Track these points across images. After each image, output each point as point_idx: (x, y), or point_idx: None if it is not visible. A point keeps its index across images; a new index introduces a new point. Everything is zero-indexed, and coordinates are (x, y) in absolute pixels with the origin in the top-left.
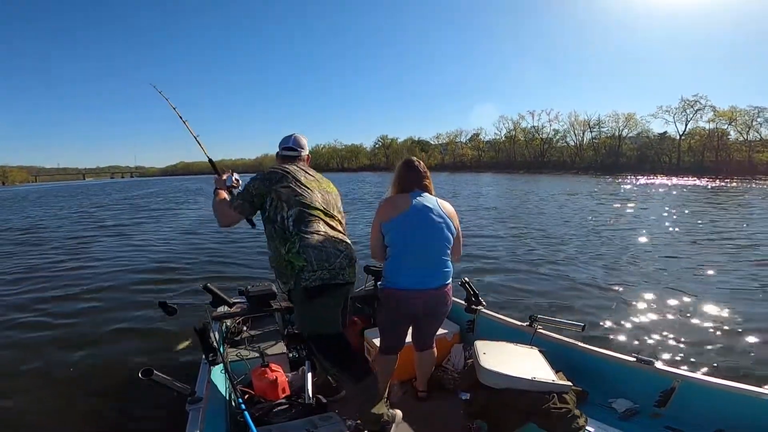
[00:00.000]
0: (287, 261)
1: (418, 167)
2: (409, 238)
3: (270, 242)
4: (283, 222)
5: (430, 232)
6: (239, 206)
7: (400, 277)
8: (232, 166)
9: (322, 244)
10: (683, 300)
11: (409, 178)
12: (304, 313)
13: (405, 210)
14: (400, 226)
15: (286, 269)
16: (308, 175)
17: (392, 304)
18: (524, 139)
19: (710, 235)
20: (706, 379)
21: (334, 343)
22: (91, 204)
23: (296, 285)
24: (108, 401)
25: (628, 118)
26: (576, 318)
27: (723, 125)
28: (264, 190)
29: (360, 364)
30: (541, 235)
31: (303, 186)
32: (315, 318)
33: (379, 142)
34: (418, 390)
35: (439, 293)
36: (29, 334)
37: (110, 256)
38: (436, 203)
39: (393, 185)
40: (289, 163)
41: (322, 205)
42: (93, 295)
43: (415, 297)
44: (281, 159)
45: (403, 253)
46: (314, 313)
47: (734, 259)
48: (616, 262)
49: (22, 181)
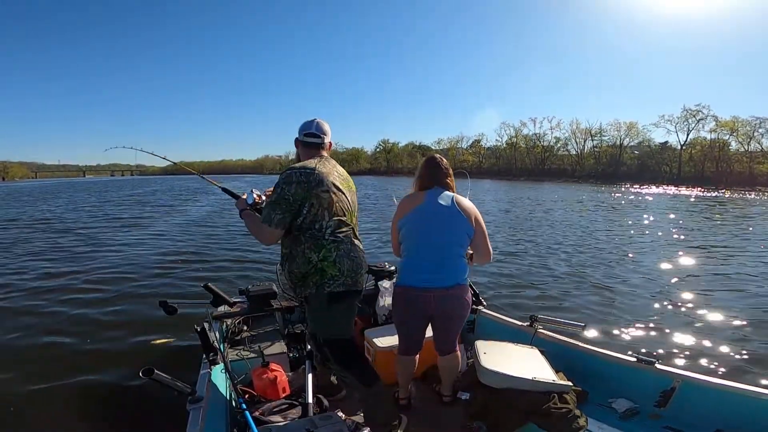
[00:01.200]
0: (319, 269)
1: (440, 164)
2: (420, 236)
3: (295, 247)
4: (321, 230)
5: (441, 229)
6: (281, 221)
7: (409, 276)
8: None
9: (353, 253)
10: (683, 300)
11: (430, 176)
12: (322, 317)
13: (418, 206)
14: (411, 222)
15: (314, 275)
16: (339, 173)
17: (402, 303)
18: (525, 146)
19: (710, 240)
20: (706, 379)
21: (348, 347)
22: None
23: (319, 290)
24: (108, 400)
25: (629, 126)
26: (576, 318)
27: (724, 136)
28: (304, 194)
29: (370, 369)
30: (541, 238)
31: (339, 191)
32: (333, 323)
33: (379, 146)
34: (443, 395)
35: (451, 293)
36: (29, 332)
37: (110, 254)
38: (451, 200)
39: (415, 182)
40: (314, 152)
41: (351, 207)
42: (92, 295)
43: (426, 296)
44: (303, 146)
45: (413, 250)
46: (333, 318)
47: (735, 261)
48: (617, 263)
49: (22, 176)
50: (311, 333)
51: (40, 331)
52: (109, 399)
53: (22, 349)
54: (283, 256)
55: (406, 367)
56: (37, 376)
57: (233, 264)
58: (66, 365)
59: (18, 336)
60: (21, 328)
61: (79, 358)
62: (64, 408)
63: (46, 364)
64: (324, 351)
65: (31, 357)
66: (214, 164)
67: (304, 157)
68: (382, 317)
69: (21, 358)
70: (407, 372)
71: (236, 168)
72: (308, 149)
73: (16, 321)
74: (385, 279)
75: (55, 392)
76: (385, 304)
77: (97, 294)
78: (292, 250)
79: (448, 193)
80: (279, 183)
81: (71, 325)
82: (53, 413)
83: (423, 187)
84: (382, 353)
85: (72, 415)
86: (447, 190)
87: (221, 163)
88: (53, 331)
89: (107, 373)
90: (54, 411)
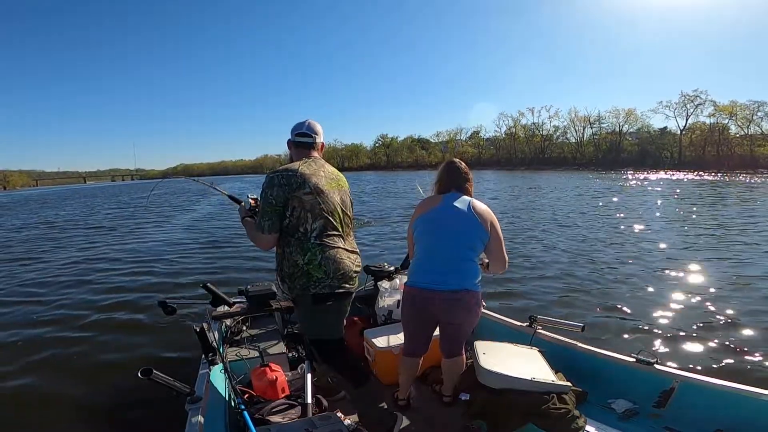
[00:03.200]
0: (305, 271)
1: (459, 168)
2: (432, 238)
3: (283, 249)
4: (306, 234)
5: (453, 232)
6: (270, 226)
7: (417, 276)
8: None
9: (341, 256)
10: (684, 300)
11: (448, 180)
12: (308, 318)
13: (433, 208)
14: (426, 224)
15: (301, 277)
16: (326, 173)
17: (408, 303)
18: (524, 136)
19: (712, 233)
20: (705, 380)
21: (335, 348)
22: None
23: (304, 291)
24: (107, 401)
25: (628, 113)
26: (576, 318)
27: (723, 120)
28: (284, 196)
29: (359, 370)
30: (539, 235)
31: (324, 193)
32: (319, 323)
33: (379, 141)
34: (444, 395)
35: (457, 297)
36: (27, 332)
37: (109, 254)
38: (467, 204)
39: (434, 185)
40: (305, 152)
41: (340, 207)
42: (93, 296)
43: (432, 298)
44: (295, 146)
45: (424, 252)
46: (318, 319)
47: (735, 260)
48: (616, 261)
49: (23, 185)
50: (300, 332)
51: (39, 333)
52: (108, 399)
53: (21, 349)
54: (276, 256)
55: (409, 368)
56: (36, 375)
57: (233, 264)
58: (65, 365)
59: (18, 336)
60: (19, 328)
61: (78, 358)
62: (64, 408)
63: (45, 364)
64: (311, 350)
65: (31, 357)
66: (214, 165)
67: (296, 157)
68: (382, 318)
69: (21, 358)
70: (409, 373)
71: (236, 168)
72: (300, 149)
73: (13, 318)
74: (385, 280)
75: (55, 392)
76: (384, 304)
77: (97, 294)
78: (281, 251)
79: (465, 197)
80: (263, 187)
81: (70, 324)
82: (53, 413)
83: (442, 191)
84: (382, 353)
85: (71, 416)
86: (465, 194)
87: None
88: (53, 331)
89: (106, 374)
90: (54, 411)
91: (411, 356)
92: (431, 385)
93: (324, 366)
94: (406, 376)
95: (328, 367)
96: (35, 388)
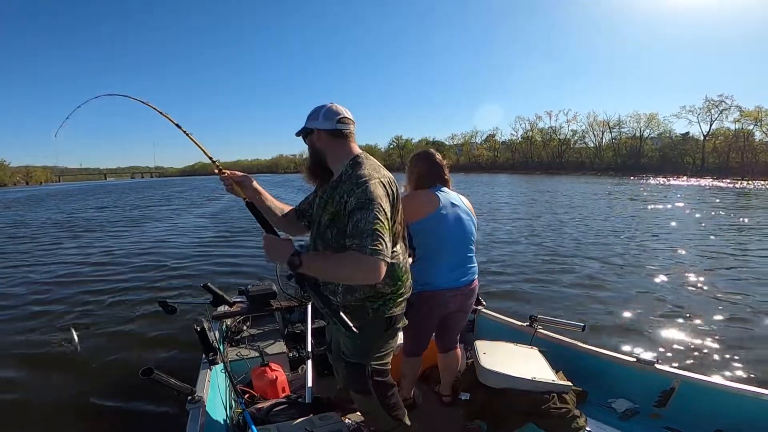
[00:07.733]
0: (391, 296)
1: (440, 161)
2: (445, 238)
3: None
4: (396, 255)
5: (462, 229)
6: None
7: (437, 278)
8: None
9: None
10: (684, 300)
11: (433, 173)
12: (378, 343)
13: (436, 208)
14: (434, 225)
15: (376, 300)
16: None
17: (426, 308)
18: (541, 139)
19: (717, 235)
20: (705, 380)
21: (389, 377)
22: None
23: (378, 314)
24: (108, 400)
25: (650, 118)
26: (576, 318)
27: (749, 126)
28: (391, 210)
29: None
30: (542, 236)
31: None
32: (387, 350)
33: (393, 143)
34: (443, 395)
35: (471, 289)
36: (27, 331)
37: (109, 254)
38: (460, 199)
39: (412, 180)
40: (350, 145)
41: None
42: (93, 296)
43: (453, 295)
44: (336, 137)
45: (439, 252)
46: (387, 345)
47: (737, 260)
48: (617, 262)
49: (45, 180)
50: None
51: (38, 332)
52: (108, 399)
53: (21, 349)
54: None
55: (414, 367)
56: (36, 375)
57: (233, 264)
58: (65, 365)
59: (18, 336)
60: (19, 328)
61: (78, 357)
62: (64, 408)
63: (45, 364)
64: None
65: (31, 356)
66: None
67: (337, 149)
68: None
69: (20, 358)
70: (414, 372)
71: (252, 168)
72: (343, 141)
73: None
74: None
75: (55, 392)
76: None
77: (97, 294)
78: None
79: (451, 191)
80: (372, 197)
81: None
82: (53, 413)
83: (424, 186)
84: None
85: (72, 415)
86: (447, 186)
87: (237, 164)
88: (52, 330)
89: (106, 373)
90: (54, 411)
91: (416, 356)
92: (431, 385)
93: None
94: (411, 375)
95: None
96: (35, 387)
